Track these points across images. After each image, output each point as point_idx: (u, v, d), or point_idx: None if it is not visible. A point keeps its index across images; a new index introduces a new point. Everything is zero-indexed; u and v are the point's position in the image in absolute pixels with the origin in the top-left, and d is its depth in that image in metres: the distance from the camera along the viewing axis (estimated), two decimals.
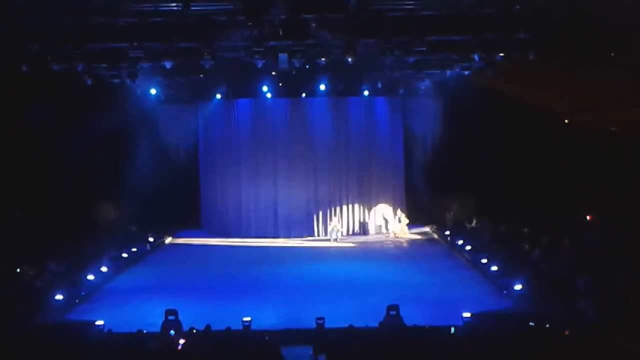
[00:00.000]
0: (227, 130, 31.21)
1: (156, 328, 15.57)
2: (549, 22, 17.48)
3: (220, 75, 26.78)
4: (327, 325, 15.39)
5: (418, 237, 29.96)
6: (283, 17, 17.15)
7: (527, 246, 22.82)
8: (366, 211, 31.17)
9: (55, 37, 18.45)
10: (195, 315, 16.59)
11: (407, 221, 30.10)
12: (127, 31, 18.58)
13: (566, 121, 27.68)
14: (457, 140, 29.38)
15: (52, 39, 18.56)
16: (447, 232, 28.16)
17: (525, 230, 25.03)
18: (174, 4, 16.52)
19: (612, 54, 18.78)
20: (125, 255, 24.80)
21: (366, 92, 29.10)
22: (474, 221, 27.42)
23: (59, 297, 18.70)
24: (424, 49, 19.95)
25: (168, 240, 30.09)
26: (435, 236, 29.59)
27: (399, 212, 30.45)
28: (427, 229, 31.30)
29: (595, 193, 24.44)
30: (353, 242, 29.16)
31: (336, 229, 29.62)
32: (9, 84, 21.33)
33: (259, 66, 20.55)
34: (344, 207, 30.85)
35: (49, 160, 25.44)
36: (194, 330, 14.79)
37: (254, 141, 30.82)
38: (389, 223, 30.68)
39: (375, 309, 16.22)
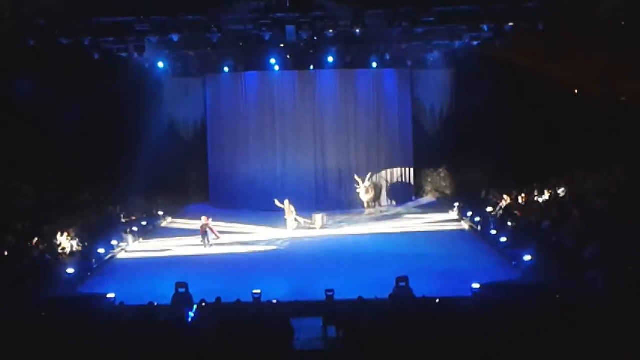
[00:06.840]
0: (235, 104, 31.11)
1: (167, 301, 15.71)
2: None
3: (228, 48, 26.71)
4: (336, 297, 15.50)
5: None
6: None
7: (536, 217, 22.75)
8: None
9: (62, 11, 18.39)
10: (206, 287, 16.65)
11: None
12: (134, 4, 18.54)
13: (576, 91, 27.52)
14: (465, 111, 29.25)
15: (58, 13, 18.51)
16: (456, 204, 28.05)
17: (535, 200, 24.97)
18: None
19: (622, 23, 18.64)
20: (135, 228, 24.89)
21: (374, 64, 28.86)
22: (484, 192, 27.34)
23: (70, 270, 18.82)
24: (432, 19, 19.87)
25: (177, 213, 30.12)
26: (444, 208, 29.44)
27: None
28: (434, 200, 31.30)
29: (605, 163, 24.35)
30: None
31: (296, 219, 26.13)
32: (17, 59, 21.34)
33: (267, 38, 20.51)
34: (352, 180, 30.79)
35: (54, 135, 25.37)
36: (204, 303, 14.88)
37: (262, 114, 30.79)
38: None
39: (385, 280, 16.26)
